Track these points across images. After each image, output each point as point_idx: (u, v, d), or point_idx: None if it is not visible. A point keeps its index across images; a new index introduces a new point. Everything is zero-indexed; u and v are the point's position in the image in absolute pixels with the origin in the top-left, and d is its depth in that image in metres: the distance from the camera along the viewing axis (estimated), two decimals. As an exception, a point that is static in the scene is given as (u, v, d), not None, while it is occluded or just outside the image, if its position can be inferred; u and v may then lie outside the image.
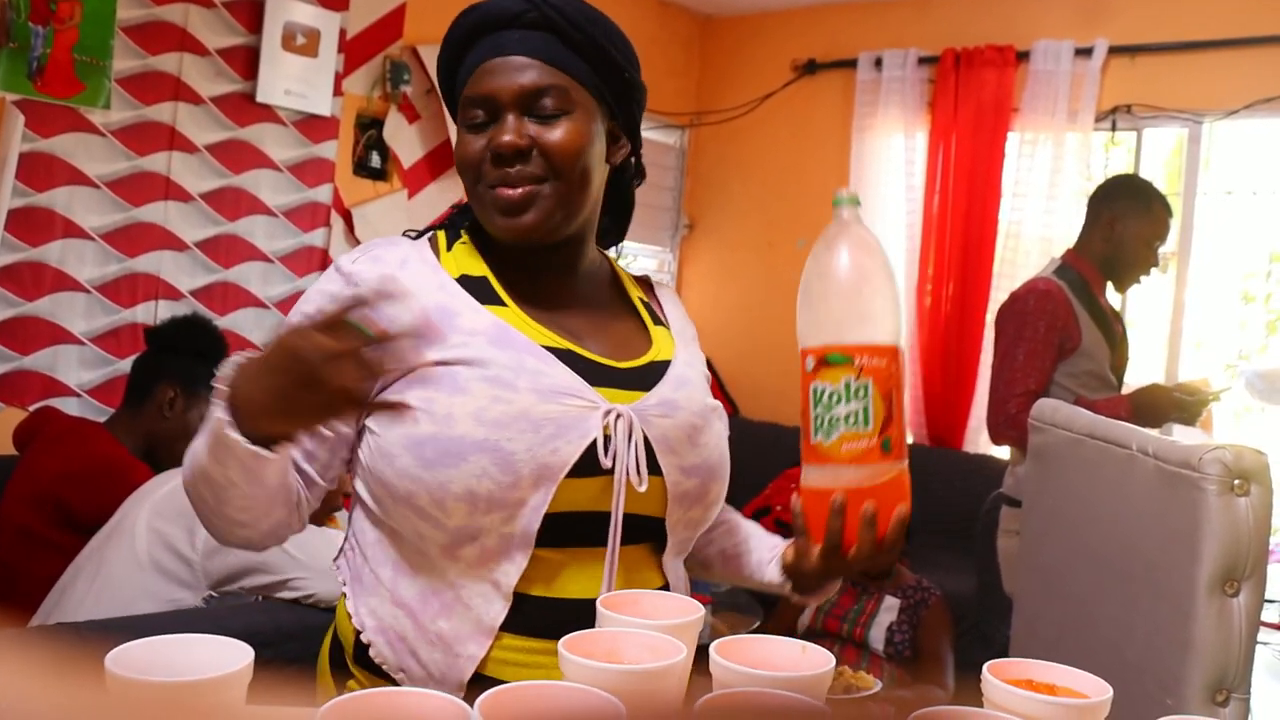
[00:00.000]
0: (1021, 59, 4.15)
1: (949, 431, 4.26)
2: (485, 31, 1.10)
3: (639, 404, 1.08)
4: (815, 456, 1.04)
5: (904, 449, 1.05)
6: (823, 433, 1.03)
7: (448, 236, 1.17)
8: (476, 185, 1.11)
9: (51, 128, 2.89)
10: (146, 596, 1.87)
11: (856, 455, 1.02)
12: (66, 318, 2.96)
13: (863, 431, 1.02)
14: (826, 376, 1.03)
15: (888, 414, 1.02)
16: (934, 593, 3.07)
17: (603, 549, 1.07)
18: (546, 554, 1.05)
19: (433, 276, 1.10)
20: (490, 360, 1.04)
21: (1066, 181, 4.06)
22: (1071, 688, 0.80)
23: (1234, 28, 3.77)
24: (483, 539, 1.03)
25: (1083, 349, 2.64)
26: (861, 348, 1.02)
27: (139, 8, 3.04)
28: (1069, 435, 1.69)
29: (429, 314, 1.06)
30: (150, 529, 1.92)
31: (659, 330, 1.21)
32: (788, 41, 4.77)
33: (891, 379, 1.03)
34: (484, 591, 1.04)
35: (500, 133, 1.08)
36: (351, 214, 3.60)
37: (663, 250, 5.04)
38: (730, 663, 0.77)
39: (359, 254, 1.11)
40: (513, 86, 1.08)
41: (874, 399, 1.01)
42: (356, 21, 3.56)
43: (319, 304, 1.08)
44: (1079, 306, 2.67)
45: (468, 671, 1.03)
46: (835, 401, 1.02)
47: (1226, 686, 1.29)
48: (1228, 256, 4.32)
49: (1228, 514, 1.28)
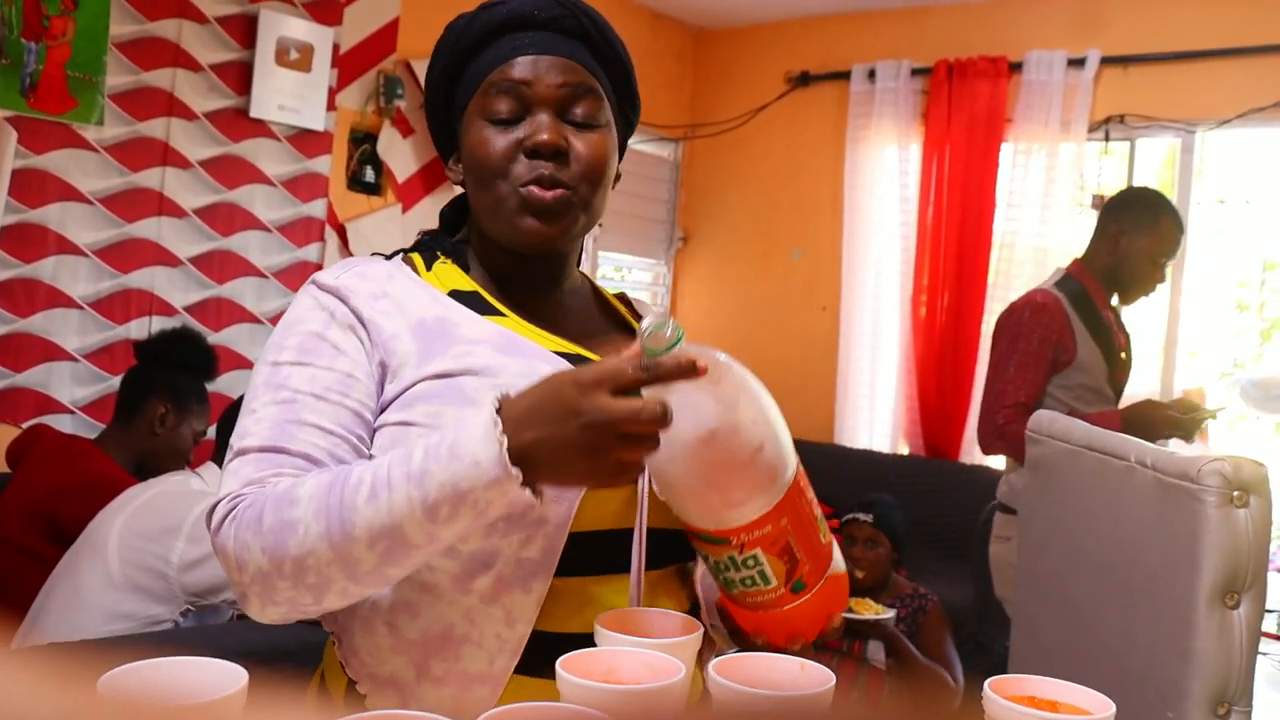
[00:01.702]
0: (1014, 70, 4.16)
1: (945, 442, 4.26)
2: (514, 29, 1.05)
3: None
4: (721, 591, 0.97)
5: (822, 569, 0.94)
6: (721, 583, 0.94)
7: (424, 258, 1.09)
8: (499, 183, 1.03)
9: (44, 144, 2.88)
10: (121, 615, 1.86)
11: (765, 605, 0.93)
12: (60, 334, 2.95)
13: (765, 589, 0.92)
14: (706, 549, 0.92)
15: (790, 564, 0.91)
16: (931, 599, 3.07)
17: (626, 575, 0.99)
18: (566, 583, 0.97)
19: (422, 291, 1.03)
20: (500, 368, 0.97)
21: (1060, 192, 4.07)
22: (1074, 704, 0.79)
23: (1226, 38, 3.79)
24: (499, 566, 0.95)
25: (1078, 363, 2.62)
26: (738, 529, 0.89)
27: (132, 23, 3.04)
28: (1067, 447, 1.69)
29: (426, 326, 0.99)
30: (124, 545, 1.91)
31: None
32: (781, 53, 4.78)
33: (784, 534, 0.90)
34: (497, 629, 0.96)
35: (538, 129, 1.02)
36: (346, 229, 3.59)
37: (657, 263, 5.04)
38: (729, 681, 0.77)
39: (340, 270, 1.03)
40: (552, 84, 1.03)
41: (767, 563, 0.90)
42: (350, 36, 3.56)
43: (322, 320, 0.99)
44: (1076, 319, 2.65)
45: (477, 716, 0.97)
46: (724, 568, 0.92)
47: (1228, 699, 1.28)
48: (1222, 265, 4.33)
49: (1227, 526, 1.28)
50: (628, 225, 4.78)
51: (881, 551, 3.09)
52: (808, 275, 4.71)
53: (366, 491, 0.86)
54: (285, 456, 0.94)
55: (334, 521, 0.86)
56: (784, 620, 0.94)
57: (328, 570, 0.87)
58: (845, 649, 2.93)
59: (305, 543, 0.87)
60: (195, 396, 2.49)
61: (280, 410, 0.96)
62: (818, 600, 0.94)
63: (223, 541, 0.91)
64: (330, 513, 0.87)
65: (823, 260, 4.64)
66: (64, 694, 0.36)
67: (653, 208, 4.96)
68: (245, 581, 0.91)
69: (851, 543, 3.10)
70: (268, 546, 0.88)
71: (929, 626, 3.01)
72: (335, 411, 0.96)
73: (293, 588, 0.89)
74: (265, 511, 0.89)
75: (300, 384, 0.96)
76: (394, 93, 3.65)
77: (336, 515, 0.86)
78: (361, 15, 3.59)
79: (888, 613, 2.86)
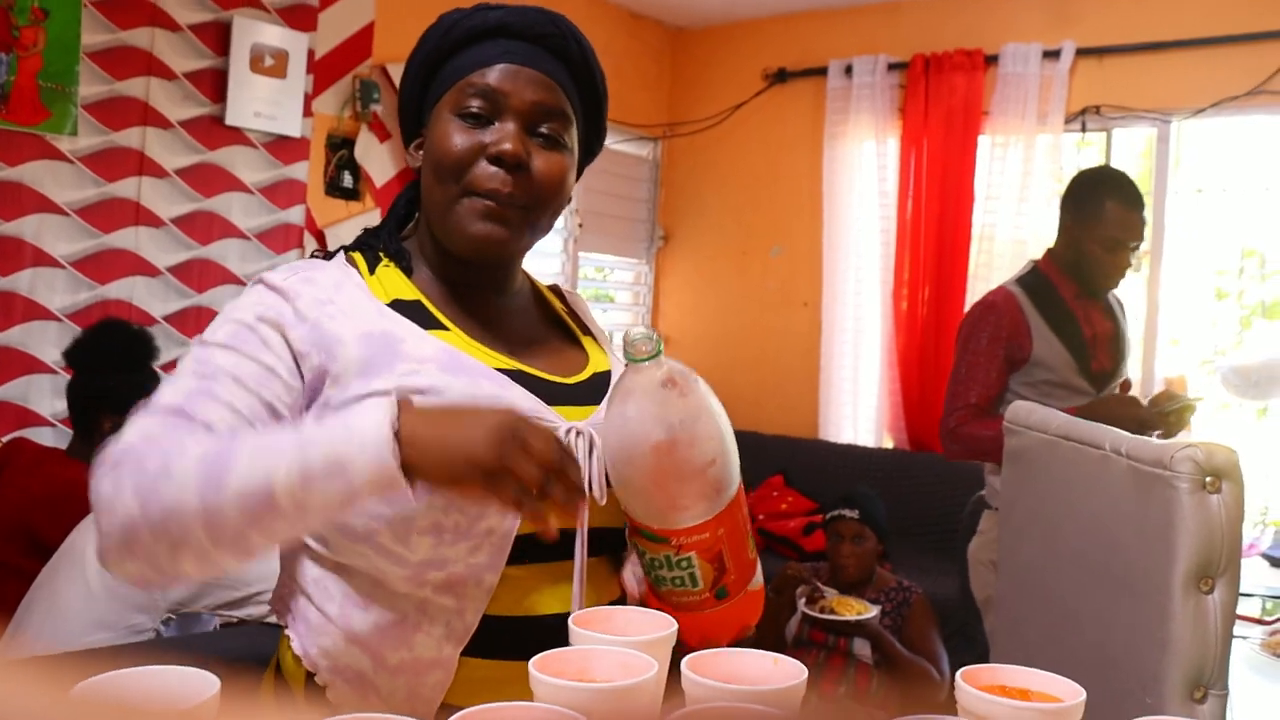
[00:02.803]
0: (990, 62, 4.19)
1: (929, 435, 4.28)
2: (504, 35, 1.07)
3: (593, 418, 1.06)
4: (649, 587, 1.02)
5: (746, 580, 1.00)
6: (651, 579, 1.00)
7: (366, 259, 1.10)
8: (455, 185, 1.05)
9: (18, 156, 2.86)
10: (102, 626, 1.85)
11: (687, 606, 0.99)
12: (38, 347, 2.94)
13: (691, 590, 0.98)
14: (644, 544, 0.98)
15: (718, 571, 0.98)
16: (915, 591, 3.08)
17: (569, 563, 1.03)
18: (514, 572, 1.01)
19: (369, 302, 1.04)
20: (445, 388, 0.98)
21: (1038, 183, 4.09)
22: (1045, 692, 0.80)
23: (1200, 28, 3.82)
24: (449, 567, 0.98)
25: (1034, 358, 2.57)
26: (678, 531, 0.95)
27: (104, 32, 3.02)
28: (1043, 437, 1.70)
29: (372, 339, 1.00)
30: None
31: (587, 340, 1.20)
32: (758, 51, 4.79)
33: (719, 543, 0.97)
34: (448, 617, 0.99)
35: (504, 138, 1.04)
36: (324, 235, 3.59)
37: (639, 262, 5.04)
38: (701, 677, 0.77)
39: (288, 272, 1.04)
40: (527, 97, 1.05)
41: (699, 566, 0.97)
42: (325, 42, 3.55)
43: (257, 313, 1.00)
44: (1034, 314, 2.59)
45: (435, 700, 0.99)
46: (657, 565, 0.98)
47: (1204, 684, 1.29)
48: (1200, 254, 4.35)
49: (1201, 512, 1.29)
50: (608, 225, 4.78)
51: (869, 545, 3.10)
52: (789, 271, 4.72)
53: (249, 448, 0.87)
54: (186, 420, 0.94)
55: (210, 473, 0.86)
56: (703, 623, 0.99)
57: (191, 523, 0.86)
58: (831, 644, 2.94)
59: (178, 492, 0.86)
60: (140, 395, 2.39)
61: (197, 383, 0.97)
62: (736, 609, 1.01)
63: (98, 483, 0.91)
64: (209, 463, 0.87)
65: (803, 256, 4.66)
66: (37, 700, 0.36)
67: (633, 207, 4.96)
68: (111, 527, 0.89)
69: (839, 539, 3.09)
70: (142, 490, 0.88)
71: (914, 619, 3.02)
72: (248, 398, 0.97)
73: (153, 538, 0.88)
74: (149, 459, 0.89)
75: (222, 363, 0.98)
76: (370, 97, 3.64)
77: (215, 467, 0.86)
78: (336, 21, 3.58)
79: (871, 611, 2.87)
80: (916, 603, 3.04)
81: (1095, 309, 2.67)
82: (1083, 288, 2.63)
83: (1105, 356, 2.65)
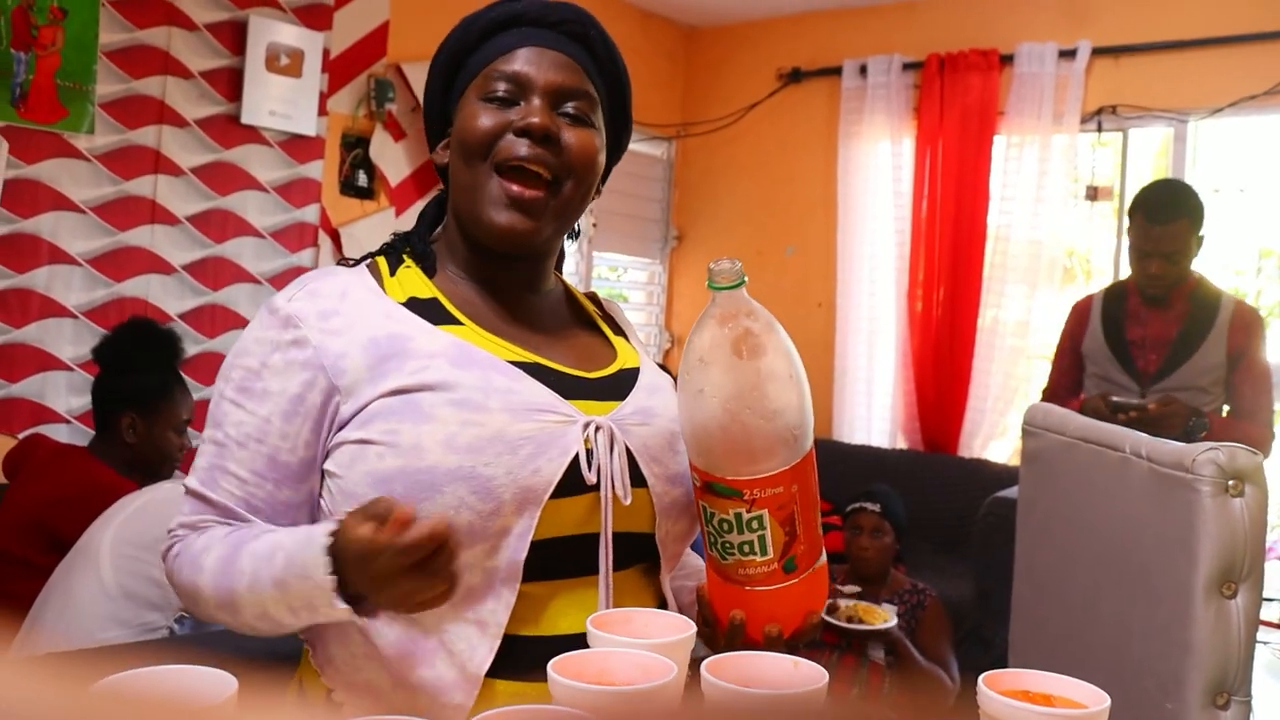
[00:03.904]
0: (1006, 62, 4.16)
1: (943, 436, 4.26)
2: (522, 24, 1.09)
3: (616, 414, 1.04)
4: (713, 565, 0.98)
5: (814, 556, 0.97)
6: (717, 551, 0.96)
7: (390, 262, 1.10)
8: (482, 164, 1.04)
9: (36, 154, 2.88)
10: (117, 624, 1.85)
11: (755, 579, 0.95)
12: (54, 344, 2.95)
13: (760, 559, 0.94)
14: (715, 504, 0.94)
15: (789, 537, 0.93)
16: (930, 594, 3.07)
17: (594, 577, 1.01)
18: (535, 588, 0.99)
19: (377, 304, 1.03)
20: (455, 382, 0.97)
21: (1054, 183, 4.07)
22: (1068, 698, 0.79)
23: (1216, 26, 3.79)
24: (466, 576, 0.95)
25: (1085, 353, 2.92)
26: (752, 482, 0.91)
27: (121, 32, 3.03)
28: (1062, 439, 1.69)
29: (378, 344, 0.99)
30: (117, 554, 1.90)
31: (619, 340, 1.18)
32: (772, 50, 4.78)
33: (792, 501, 0.93)
34: (468, 635, 0.97)
35: (530, 113, 1.04)
36: (339, 233, 3.59)
37: (652, 262, 5.03)
38: (721, 681, 0.76)
39: (294, 290, 1.04)
40: (551, 78, 1.06)
41: (770, 529, 0.93)
42: (340, 41, 3.56)
43: (261, 357, 1.01)
44: (1096, 315, 2.90)
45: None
46: (726, 529, 0.94)
47: (1227, 689, 1.28)
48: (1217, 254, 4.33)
49: (1223, 515, 1.28)
50: (622, 225, 4.78)
51: (887, 540, 3.10)
52: (803, 272, 4.71)
53: (246, 583, 0.96)
54: (209, 507, 1.04)
55: (224, 597, 0.99)
56: (770, 601, 0.95)
57: (232, 624, 1.01)
58: (844, 646, 2.93)
59: (207, 605, 1.01)
60: (162, 395, 2.39)
61: (214, 452, 1.04)
62: (803, 588, 0.96)
63: (168, 571, 1.06)
64: (221, 591, 0.98)
65: (817, 257, 4.64)
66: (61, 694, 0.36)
67: (647, 207, 4.95)
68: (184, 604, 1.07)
69: (858, 531, 3.10)
70: (186, 593, 1.03)
71: (928, 622, 3.00)
72: (252, 459, 1.02)
73: (208, 617, 1.03)
74: (184, 567, 1.02)
75: (230, 427, 1.03)
76: (385, 96, 3.65)
77: (226, 595, 0.98)
78: (351, 19, 3.59)
79: (891, 620, 2.86)
80: (931, 606, 3.03)
81: (1159, 313, 2.81)
82: (1140, 293, 2.84)
83: (1154, 357, 2.80)
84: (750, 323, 0.91)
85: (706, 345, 0.92)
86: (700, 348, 0.93)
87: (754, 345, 0.91)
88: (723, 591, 0.98)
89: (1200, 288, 2.81)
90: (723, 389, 0.90)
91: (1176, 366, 2.76)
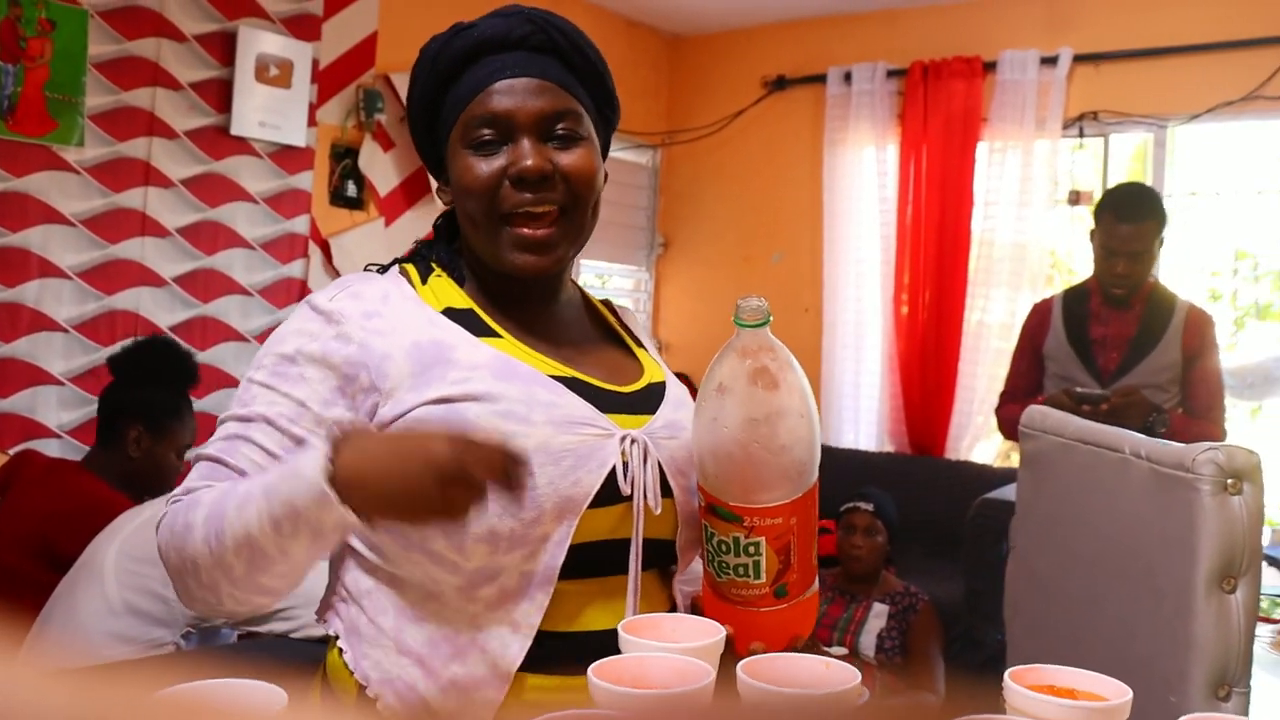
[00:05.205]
0: (988, 69, 4.21)
1: (930, 439, 4.30)
2: (486, 53, 1.06)
3: (647, 427, 1.07)
4: (709, 580, 1.02)
5: (806, 584, 1.01)
6: (714, 568, 1.00)
7: (419, 270, 1.11)
8: (488, 214, 1.05)
9: (25, 167, 2.87)
10: (122, 640, 1.85)
11: (746, 600, 0.99)
12: (45, 358, 2.94)
13: (753, 582, 0.98)
14: (716, 525, 0.98)
15: (783, 565, 0.97)
16: (921, 597, 3.09)
17: (623, 577, 1.04)
18: (568, 587, 1.01)
19: (419, 311, 1.04)
20: (499, 394, 0.99)
21: (1037, 188, 4.12)
22: (1091, 691, 0.81)
23: (1195, 34, 3.85)
24: (502, 578, 0.99)
25: (1046, 353, 2.93)
26: (753, 510, 0.96)
27: (110, 43, 3.03)
28: (1060, 441, 1.72)
29: (421, 349, 1.01)
30: (121, 569, 1.89)
31: (641, 352, 1.20)
32: (757, 58, 4.81)
33: (790, 532, 0.97)
34: (501, 633, 0.99)
35: (521, 156, 1.03)
36: (329, 244, 3.59)
37: (638, 269, 5.05)
38: (756, 681, 0.78)
39: (335, 290, 1.05)
40: (531, 109, 1.04)
41: (766, 555, 0.97)
42: (329, 51, 3.56)
43: (298, 345, 1.02)
44: (1058, 315, 2.90)
45: (487, 716, 0.99)
46: (724, 550, 0.98)
47: (1228, 682, 1.31)
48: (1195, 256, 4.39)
49: (1222, 513, 1.31)
50: (608, 233, 4.80)
51: (879, 540, 3.13)
52: (789, 278, 4.74)
53: (236, 501, 0.93)
54: (223, 468, 1.01)
55: (212, 529, 0.94)
56: (758, 622, 0.99)
57: (213, 574, 0.95)
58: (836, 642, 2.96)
59: (195, 547, 0.95)
60: (173, 414, 2.41)
61: (237, 426, 1.02)
62: (791, 613, 1.00)
63: (157, 539, 1.01)
64: (211, 521, 0.94)
65: (804, 262, 4.68)
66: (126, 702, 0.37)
67: (632, 214, 4.98)
68: (170, 576, 1.00)
69: (851, 531, 3.14)
70: (177, 547, 0.97)
71: (919, 626, 3.03)
72: (280, 438, 1.01)
73: (197, 586, 0.97)
74: (179, 515, 0.98)
75: (261, 406, 1.02)
76: (374, 107, 3.65)
77: (215, 523, 0.94)
78: (340, 30, 3.59)
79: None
80: (923, 610, 3.06)
81: (1119, 313, 2.84)
82: (1104, 292, 2.84)
83: (1115, 355, 2.82)
84: (769, 360, 0.95)
85: (725, 375, 0.96)
86: (719, 377, 0.96)
87: (769, 381, 0.95)
88: (716, 606, 1.02)
89: (1156, 290, 2.88)
90: (735, 420, 0.94)
91: (1135, 364, 2.82)
